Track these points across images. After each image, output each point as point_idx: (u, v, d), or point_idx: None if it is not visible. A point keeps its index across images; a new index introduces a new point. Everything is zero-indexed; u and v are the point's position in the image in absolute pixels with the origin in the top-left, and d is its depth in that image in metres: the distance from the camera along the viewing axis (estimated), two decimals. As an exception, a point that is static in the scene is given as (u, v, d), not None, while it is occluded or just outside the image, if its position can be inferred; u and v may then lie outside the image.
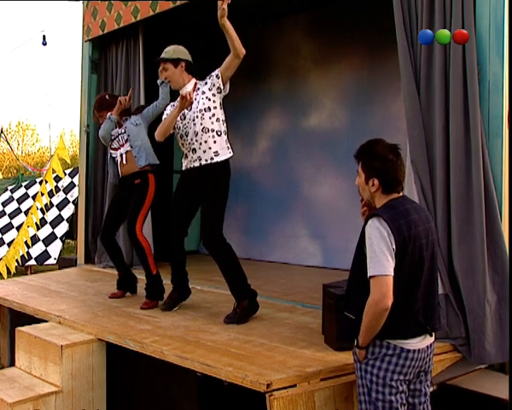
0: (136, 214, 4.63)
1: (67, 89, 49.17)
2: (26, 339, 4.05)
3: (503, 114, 3.50)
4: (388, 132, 5.02)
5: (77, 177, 8.00)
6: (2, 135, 16.89)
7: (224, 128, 4.10)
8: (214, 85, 4.02)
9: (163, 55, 4.16)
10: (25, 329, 4.14)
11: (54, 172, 7.41)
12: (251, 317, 4.03)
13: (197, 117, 4.03)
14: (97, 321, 4.10)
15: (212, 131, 4.03)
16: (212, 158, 4.03)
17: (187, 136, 4.09)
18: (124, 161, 4.73)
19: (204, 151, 4.03)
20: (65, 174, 8.83)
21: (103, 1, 6.35)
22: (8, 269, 6.98)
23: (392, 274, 2.43)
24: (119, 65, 6.49)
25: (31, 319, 4.42)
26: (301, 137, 6.87)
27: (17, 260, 7.42)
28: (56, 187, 8.79)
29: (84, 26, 6.74)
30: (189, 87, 4.13)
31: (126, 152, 4.73)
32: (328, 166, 6.55)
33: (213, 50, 7.89)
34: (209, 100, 4.04)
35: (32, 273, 8.22)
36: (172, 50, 4.17)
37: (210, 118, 4.02)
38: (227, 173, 4.08)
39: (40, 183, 9.14)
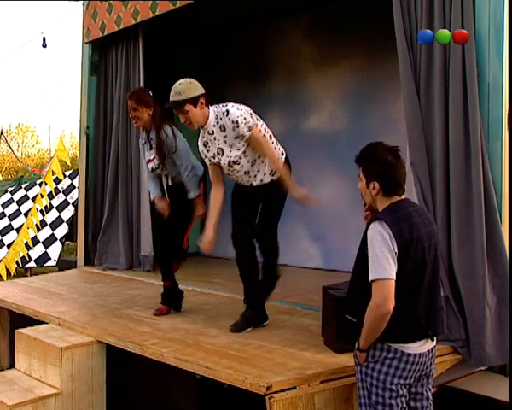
0: (186, 228, 4.44)
1: (67, 91, 49.31)
2: (25, 341, 4.05)
3: (502, 117, 3.50)
4: (388, 133, 5.01)
5: (77, 179, 7.99)
6: (2, 137, 16.88)
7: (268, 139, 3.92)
8: (243, 138, 3.77)
9: (177, 98, 3.59)
10: (24, 331, 4.14)
11: (54, 173, 7.40)
12: (246, 330, 3.82)
13: (240, 158, 3.79)
14: (97, 323, 4.10)
15: (259, 158, 3.87)
16: (271, 178, 3.97)
17: (234, 173, 3.90)
18: (169, 182, 4.45)
19: (264, 174, 3.95)
20: (64, 176, 8.82)
21: (103, 1, 6.35)
22: (7, 271, 6.98)
23: (394, 278, 2.43)
24: (119, 67, 6.48)
25: (30, 321, 4.42)
26: (301, 138, 6.85)
27: (17, 262, 7.41)
28: (56, 189, 8.77)
29: (83, 27, 6.74)
30: (210, 124, 3.73)
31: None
32: (329, 167, 6.53)
33: (212, 51, 7.91)
34: (238, 147, 3.79)
35: (31, 275, 8.21)
36: (187, 89, 3.60)
37: (252, 149, 3.81)
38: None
39: (40, 184, 9.12)
